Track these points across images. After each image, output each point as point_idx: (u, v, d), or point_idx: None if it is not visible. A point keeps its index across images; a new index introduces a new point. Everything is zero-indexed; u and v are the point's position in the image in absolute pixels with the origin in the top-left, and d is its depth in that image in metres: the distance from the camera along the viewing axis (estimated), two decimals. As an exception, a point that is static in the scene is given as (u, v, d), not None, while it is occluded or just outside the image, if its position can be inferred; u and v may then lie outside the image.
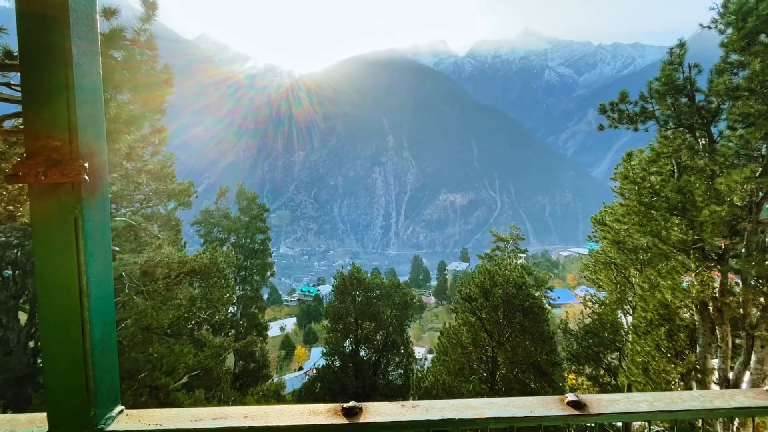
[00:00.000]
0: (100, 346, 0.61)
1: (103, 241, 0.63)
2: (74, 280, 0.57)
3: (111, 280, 0.67)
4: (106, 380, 0.64)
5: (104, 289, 0.62)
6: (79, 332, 0.59)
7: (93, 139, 0.59)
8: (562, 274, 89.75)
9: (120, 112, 6.66)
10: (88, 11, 0.60)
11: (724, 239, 8.39)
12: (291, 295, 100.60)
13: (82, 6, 0.58)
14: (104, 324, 0.62)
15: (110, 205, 11.85)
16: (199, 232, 24.58)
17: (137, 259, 10.90)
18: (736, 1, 7.77)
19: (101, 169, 0.61)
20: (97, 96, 0.62)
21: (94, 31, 0.61)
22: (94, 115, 0.60)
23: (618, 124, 9.56)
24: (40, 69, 0.57)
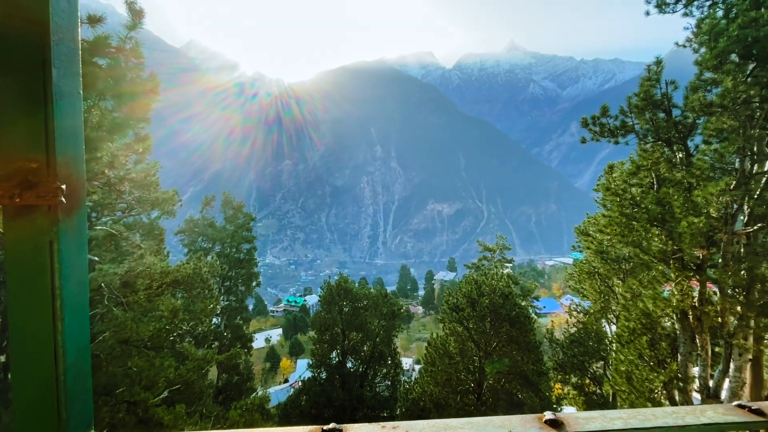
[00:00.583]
0: (74, 371, 0.59)
1: (79, 264, 0.62)
2: (48, 303, 0.55)
3: (87, 302, 0.65)
4: (78, 406, 0.62)
5: (79, 313, 0.60)
6: (51, 357, 0.57)
7: (71, 159, 0.58)
8: (548, 284, 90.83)
9: (103, 120, 6.55)
10: (69, 28, 0.59)
11: (701, 250, 8.64)
12: (277, 306, 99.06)
13: (64, 22, 0.57)
14: (78, 348, 0.60)
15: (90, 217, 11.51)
16: (183, 241, 24.11)
17: (117, 269, 10.60)
18: (708, 22, 8.15)
19: (79, 190, 0.60)
20: (77, 115, 0.61)
21: (76, 48, 0.60)
22: (74, 135, 0.59)
23: (599, 137, 9.82)
24: (16, 87, 0.56)
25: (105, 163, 7.07)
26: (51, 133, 0.56)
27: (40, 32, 0.55)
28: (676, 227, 8.11)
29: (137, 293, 11.42)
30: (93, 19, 5.82)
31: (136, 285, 11.55)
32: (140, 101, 6.66)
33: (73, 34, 0.58)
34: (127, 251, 12.94)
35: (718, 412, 0.78)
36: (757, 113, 7.68)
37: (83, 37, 5.96)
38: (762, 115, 7.72)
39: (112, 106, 7.35)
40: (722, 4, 9.22)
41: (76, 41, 0.59)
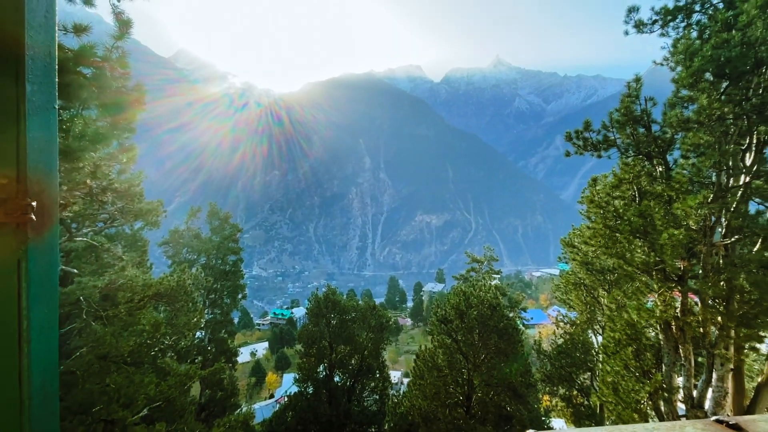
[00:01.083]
0: (41, 395, 0.57)
1: (49, 284, 0.59)
2: (14, 325, 0.53)
3: (56, 323, 0.62)
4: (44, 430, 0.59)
5: (48, 334, 0.57)
6: (16, 381, 0.54)
7: (44, 175, 0.56)
8: (535, 295, 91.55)
9: (86, 130, 6.43)
10: (46, 42, 0.58)
11: (682, 261, 8.85)
12: (263, 319, 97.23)
13: (40, 36, 0.56)
14: (46, 371, 0.58)
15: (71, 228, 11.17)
16: (167, 253, 23.60)
17: (98, 282, 10.29)
18: (684, 42, 8.51)
19: (51, 207, 0.58)
20: (51, 130, 0.59)
21: (52, 63, 0.59)
22: (47, 149, 0.58)
23: (583, 151, 10.06)
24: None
25: (87, 173, 6.92)
26: (23, 149, 0.55)
27: (14, 46, 0.54)
28: (657, 239, 8.30)
29: (118, 307, 11.09)
30: (78, 28, 5.76)
31: (117, 298, 11.23)
32: (125, 111, 6.57)
33: (50, 49, 0.57)
34: (108, 263, 12.61)
35: (697, 428, 0.78)
36: (732, 129, 8.00)
37: (68, 47, 5.89)
38: (736, 131, 8.04)
39: (97, 116, 7.24)
40: (696, 26, 9.66)
41: (52, 55, 0.58)
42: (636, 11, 10.01)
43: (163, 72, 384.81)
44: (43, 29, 0.56)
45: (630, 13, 9.85)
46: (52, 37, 0.58)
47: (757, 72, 7.56)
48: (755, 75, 7.57)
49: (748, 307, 7.97)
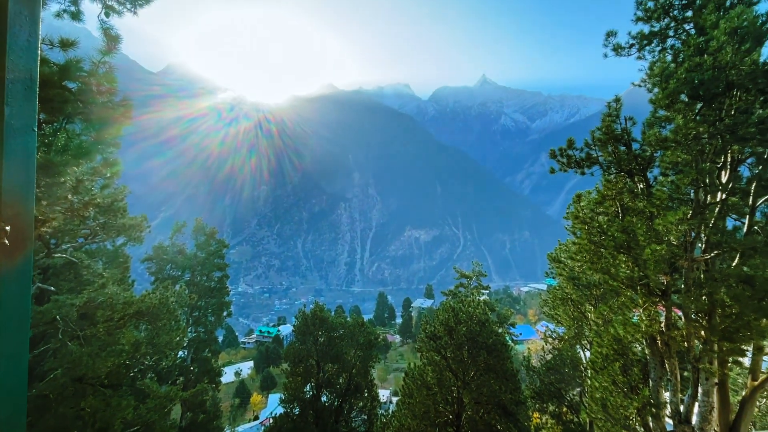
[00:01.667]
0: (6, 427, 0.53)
1: (21, 309, 0.57)
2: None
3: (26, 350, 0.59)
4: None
5: (16, 362, 0.54)
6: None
7: (20, 198, 0.55)
8: (524, 310, 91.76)
9: (69, 144, 6.32)
10: (27, 66, 0.57)
11: (665, 276, 9.02)
12: (249, 337, 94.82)
13: (21, 60, 0.56)
14: (14, 401, 0.54)
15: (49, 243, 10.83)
16: (149, 269, 23.01)
17: (76, 300, 9.93)
18: (659, 65, 8.90)
19: (26, 231, 0.56)
20: (29, 153, 0.58)
21: (33, 86, 0.58)
22: (24, 173, 0.56)
23: (567, 168, 10.30)
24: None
25: (68, 188, 6.77)
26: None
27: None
28: (640, 254, 8.47)
29: (96, 326, 10.70)
30: (65, 43, 5.74)
31: (96, 317, 10.84)
32: (111, 126, 6.50)
33: (31, 72, 0.57)
34: (88, 280, 12.22)
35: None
36: (707, 148, 8.31)
37: (54, 61, 5.84)
38: (711, 150, 8.36)
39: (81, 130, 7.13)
40: (671, 50, 10.13)
41: (33, 78, 0.57)
42: (614, 35, 10.47)
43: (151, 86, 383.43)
44: (25, 53, 0.55)
45: (608, 37, 10.29)
46: (34, 60, 0.57)
47: (728, 94, 7.93)
48: (727, 97, 7.94)
49: (729, 321, 8.12)
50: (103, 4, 6.34)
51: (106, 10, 6.24)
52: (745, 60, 7.44)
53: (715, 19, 7.91)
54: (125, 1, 6.20)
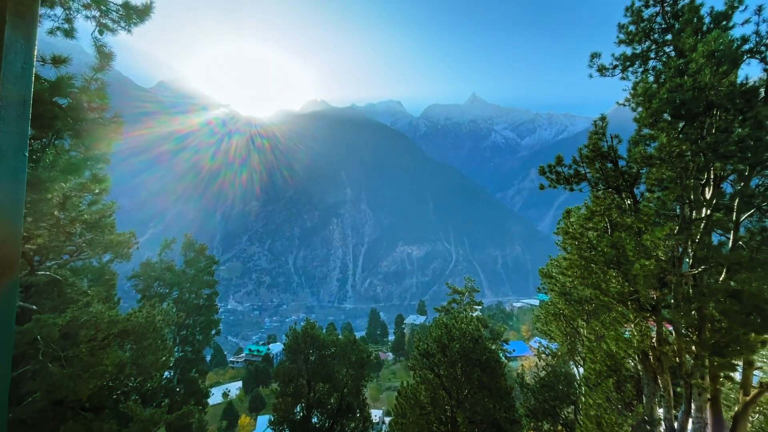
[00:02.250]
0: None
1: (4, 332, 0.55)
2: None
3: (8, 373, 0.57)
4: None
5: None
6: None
7: (7, 224, 0.54)
8: (517, 326, 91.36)
9: (57, 159, 6.25)
10: (21, 92, 0.57)
11: (655, 291, 9.10)
12: (237, 356, 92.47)
13: (15, 87, 0.56)
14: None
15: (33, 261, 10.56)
16: (136, 286, 22.50)
17: (58, 319, 9.63)
18: (642, 86, 9.20)
19: (11, 257, 0.55)
20: (19, 177, 0.57)
21: (26, 111, 0.58)
22: (13, 197, 0.55)
23: (556, 185, 10.46)
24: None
25: (55, 204, 6.66)
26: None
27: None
28: (630, 269, 8.56)
29: (79, 346, 10.35)
30: (57, 60, 5.74)
31: (79, 336, 10.50)
32: (101, 142, 6.46)
33: (24, 98, 0.57)
34: (72, 298, 11.89)
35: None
36: (691, 165, 8.54)
37: (45, 78, 5.83)
38: (694, 167, 8.58)
39: (70, 146, 7.06)
40: (653, 71, 10.51)
41: (27, 103, 0.57)
42: (598, 57, 10.85)
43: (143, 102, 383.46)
44: (19, 80, 0.55)
45: (593, 58, 10.65)
46: (28, 86, 0.58)
47: (709, 113, 8.21)
48: (708, 116, 8.21)
49: (719, 336, 8.18)
50: (97, 22, 6.38)
51: (100, 28, 6.28)
52: (723, 81, 7.74)
53: (693, 42, 8.26)
54: (119, 20, 6.25)
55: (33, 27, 0.58)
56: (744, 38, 8.48)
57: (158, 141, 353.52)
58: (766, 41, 8.45)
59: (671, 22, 9.92)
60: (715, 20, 9.13)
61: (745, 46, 8.42)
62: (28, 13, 0.55)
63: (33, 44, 0.59)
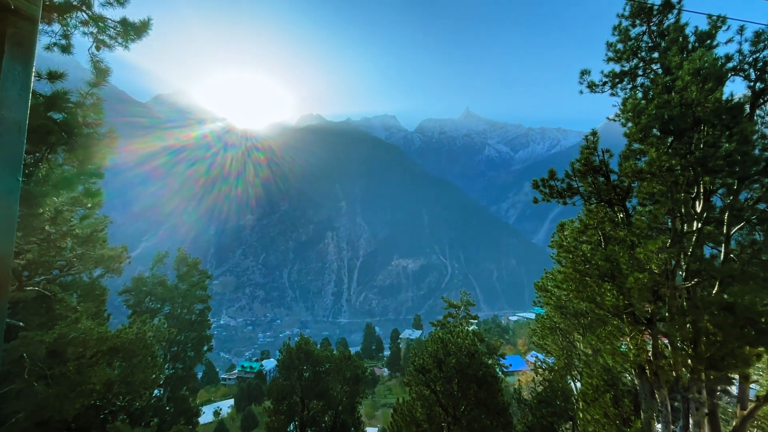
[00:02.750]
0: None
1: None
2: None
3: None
4: None
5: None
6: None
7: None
8: (513, 340, 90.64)
9: (50, 174, 6.21)
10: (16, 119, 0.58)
11: (650, 304, 9.12)
12: (230, 373, 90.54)
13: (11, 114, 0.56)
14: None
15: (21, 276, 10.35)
16: (127, 302, 22.11)
17: (45, 336, 9.41)
18: (631, 102, 9.42)
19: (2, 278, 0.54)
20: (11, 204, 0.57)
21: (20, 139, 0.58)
22: (5, 221, 0.55)
23: (549, 198, 10.57)
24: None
25: (46, 219, 6.58)
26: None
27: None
28: (624, 282, 8.59)
29: (66, 364, 10.10)
30: (53, 75, 5.76)
31: (66, 354, 10.25)
32: (95, 156, 6.44)
33: (20, 125, 0.57)
34: (60, 315, 11.64)
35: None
36: (680, 179, 8.68)
37: (41, 93, 5.84)
38: (684, 181, 8.72)
39: (63, 160, 7.03)
40: (641, 88, 10.78)
41: (22, 129, 0.57)
42: (588, 74, 11.12)
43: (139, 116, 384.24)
44: (15, 106, 0.56)
45: (583, 75, 10.91)
46: (24, 112, 0.58)
47: (696, 129, 8.39)
48: (695, 131, 8.39)
49: (714, 349, 8.18)
50: (95, 38, 6.44)
51: (97, 44, 6.33)
52: (710, 98, 7.95)
53: (679, 60, 8.51)
54: (117, 36, 6.31)
55: (31, 55, 0.59)
56: (728, 56, 8.76)
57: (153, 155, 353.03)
58: (749, 59, 8.74)
59: (657, 40, 10.23)
60: (699, 39, 9.43)
61: (729, 64, 8.69)
62: (27, 41, 0.56)
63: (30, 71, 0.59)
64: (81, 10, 6.22)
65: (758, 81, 8.69)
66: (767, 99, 8.81)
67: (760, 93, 8.71)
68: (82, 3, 6.23)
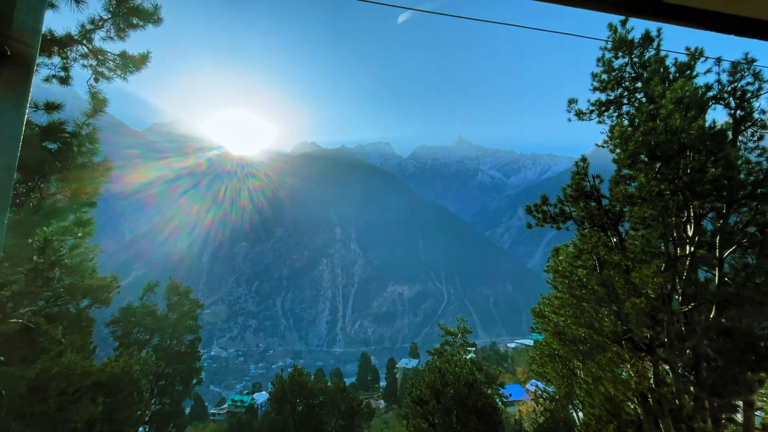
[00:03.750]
0: None
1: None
2: None
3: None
4: None
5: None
6: None
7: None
8: (512, 368, 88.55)
9: (41, 204, 6.15)
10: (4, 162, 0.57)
11: (648, 329, 9.02)
12: (219, 407, 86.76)
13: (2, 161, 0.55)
14: None
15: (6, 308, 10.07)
16: (115, 333, 21.41)
17: (27, 371, 9.01)
18: (618, 129, 9.70)
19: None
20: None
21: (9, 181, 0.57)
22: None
23: (543, 223, 10.64)
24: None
25: (35, 249, 6.46)
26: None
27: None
28: (622, 307, 8.52)
29: (47, 401, 9.64)
30: (50, 106, 5.82)
31: (48, 390, 9.80)
32: (88, 185, 6.41)
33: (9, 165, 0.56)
34: (44, 348, 11.21)
35: None
36: (671, 204, 8.82)
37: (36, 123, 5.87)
38: (674, 206, 8.86)
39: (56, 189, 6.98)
40: (626, 115, 11.14)
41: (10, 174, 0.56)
42: (575, 102, 11.50)
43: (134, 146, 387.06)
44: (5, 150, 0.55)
45: (570, 104, 11.27)
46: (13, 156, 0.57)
47: (683, 155, 8.62)
48: (681, 157, 8.62)
49: (716, 376, 8.04)
50: (94, 70, 6.56)
51: (95, 77, 6.44)
52: (693, 125, 8.21)
53: (662, 89, 8.85)
54: (116, 69, 6.44)
55: (25, 97, 0.59)
56: (708, 86, 9.14)
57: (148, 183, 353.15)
58: (728, 89, 9.12)
59: (640, 71, 10.68)
60: (679, 70, 9.86)
61: (709, 93, 9.05)
62: (21, 85, 0.56)
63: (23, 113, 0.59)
64: (81, 44, 6.38)
65: (738, 109, 9.04)
66: (748, 126, 9.13)
67: (741, 120, 9.03)
68: (83, 37, 6.40)
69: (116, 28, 6.37)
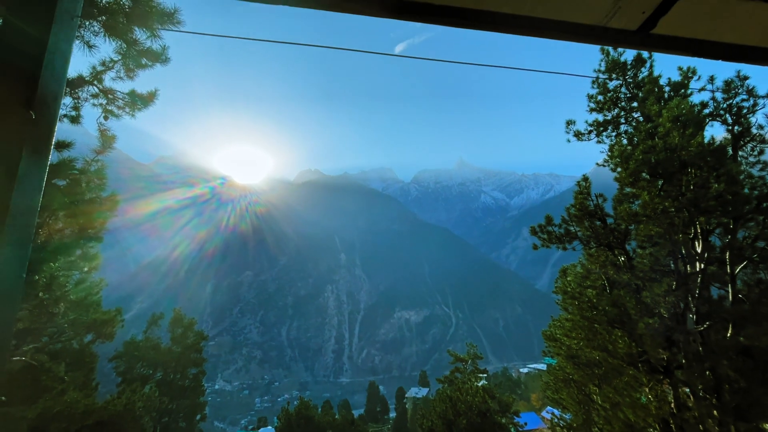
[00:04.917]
0: None
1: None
2: None
3: None
4: None
5: None
6: None
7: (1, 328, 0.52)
8: (526, 395, 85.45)
9: (50, 240, 6.22)
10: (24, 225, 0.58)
11: (664, 351, 8.75)
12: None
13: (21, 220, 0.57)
14: None
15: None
16: (118, 368, 21.02)
17: (28, 412, 8.82)
18: (617, 148, 9.79)
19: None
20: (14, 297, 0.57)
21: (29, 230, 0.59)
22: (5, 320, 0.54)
23: (549, 244, 10.57)
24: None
25: (41, 286, 6.48)
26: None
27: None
28: (635, 328, 8.31)
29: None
30: (61, 144, 5.99)
31: (49, 431, 9.53)
32: (95, 220, 6.50)
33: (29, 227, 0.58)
34: (46, 386, 11.00)
35: None
36: (676, 220, 8.76)
37: (47, 161, 6.02)
38: (680, 222, 8.80)
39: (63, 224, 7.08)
40: (625, 135, 11.28)
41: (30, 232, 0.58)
42: (573, 123, 11.68)
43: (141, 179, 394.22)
44: (29, 211, 0.57)
45: (568, 125, 11.45)
46: (34, 213, 0.59)
47: (684, 171, 8.64)
48: (683, 174, 8.63)
49: (739, 398, 7.71)
50: (104, 109, 6.79)
51: (105, 115, 6.66)
52: (692, 142, 8.28)
53: (658, 108, 8.99)
54: (125, 107, 6.66)
55: (47, 156, 0.62)
56: (703, 103, 9.28)
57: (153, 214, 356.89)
58: (723, 106, 9.25)
59: (635, 91, 10.89)
60: (674, 89, 10.05)
61: (705, 110, 9.18)
62: (44, 146, 0.60)
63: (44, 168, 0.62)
64: (92, 84, 6.64)
65: (735, 124, 9.13)
66: (747, 141, 9.19)
67: (740, 135, 9.10)
68: (94, 78, 6.67)
69: (126, 68, 6.65)
